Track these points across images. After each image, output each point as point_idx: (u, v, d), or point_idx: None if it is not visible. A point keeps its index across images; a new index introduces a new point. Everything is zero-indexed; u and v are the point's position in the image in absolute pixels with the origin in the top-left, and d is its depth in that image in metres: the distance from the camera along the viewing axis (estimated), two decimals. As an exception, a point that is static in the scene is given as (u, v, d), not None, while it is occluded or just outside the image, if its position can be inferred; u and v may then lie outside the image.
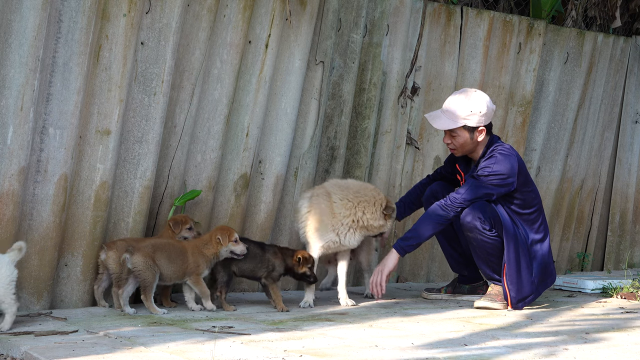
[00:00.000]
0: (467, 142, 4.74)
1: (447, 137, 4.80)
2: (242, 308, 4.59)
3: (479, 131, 4.73)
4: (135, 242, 4.39)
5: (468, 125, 4.70)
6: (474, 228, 4.65)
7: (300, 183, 5.38)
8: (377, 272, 4.69)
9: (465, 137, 4.73)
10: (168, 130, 4.84)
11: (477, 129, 4.72)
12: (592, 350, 3.54)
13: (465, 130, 4.72)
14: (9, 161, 4.18)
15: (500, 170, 4.66)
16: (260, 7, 5.03)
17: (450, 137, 4.77)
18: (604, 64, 6.84)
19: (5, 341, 3.58)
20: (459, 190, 4.71)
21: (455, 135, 4.74)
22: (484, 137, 4.76)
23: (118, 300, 4.35)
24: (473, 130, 4.72)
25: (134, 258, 4.28)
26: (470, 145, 4.76)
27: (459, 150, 4.79)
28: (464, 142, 4.74)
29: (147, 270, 4.29)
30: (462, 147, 4.77)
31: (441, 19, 5.99)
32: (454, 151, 4.83)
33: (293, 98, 5.22)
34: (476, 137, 4.73)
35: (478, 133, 4.73)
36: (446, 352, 3.44)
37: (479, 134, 4.73)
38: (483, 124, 4.73)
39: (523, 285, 4.70)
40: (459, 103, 4.73)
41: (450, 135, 4.77)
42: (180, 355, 3.31)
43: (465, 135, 4.73)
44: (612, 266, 7.14)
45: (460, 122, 4.70)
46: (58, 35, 4.32)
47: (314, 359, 3.29)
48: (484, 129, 4.75)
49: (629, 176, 7.19)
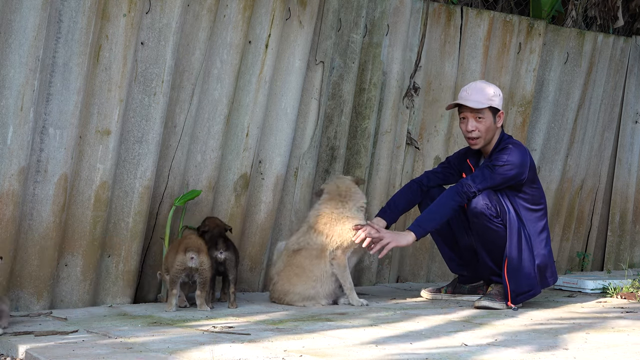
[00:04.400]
0: (492, 126, 4.81)
1: (472, 122, 4.81)
2: (242, 308, 4.59)
3: (499, 116, 4.82)
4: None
5: (493, 107, 4.79)
6: (481, 214, 4.67)
7: (300, 183, 5.39)
8: (389, 237, 4.67)
9: (490, 121, 4.80)
10: (168, 130, 4.84)
11: (498, 112, 4.82)
12: (592, 350, 3.54)
13: (491, 113, 4.80)
14: (9, 161, 4.18)
15: (514, 161, 4.71)
16: (260, 7, 5.03)
17: (477, 122, 4.80)
18: (604, 64, 6.84)
19: (5, 341, 3.58)
20: (474, 178, 4.71)
21: (482, 118, 4.79)
22: (500, 126, 4.84)
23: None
24: (495, 113, 4.81)
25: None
26: (491, 132, 4.82)
27: (483, 137, 4.82)
28: (489, 126, 4.79)
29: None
30: (486, 133, 4.81)
31: (441, 19, 5.99)
32: (476, 141, 4.83)
33: (293, 98, 5.22)
34: (497, 122, 4.82)
35: (499, 118, 4.82)
36: (446, 352, 3.44)
37: (499, 119, 4.83)
38: (501, 108, 4.83)
39: (523, 280, 4.70)
40: (481, 86, 4.85)
41: (477, 120, 4.79)
42: (180, 355, 3.31)
43: (490, 119, 4.80)
44: (612, 266, 7.14)
45: (488, 102, 4.79)
46: (58, 35, 4.32)
47: (314, 359, 3.29)
48: (503, 113, 4.84)
49: (629, 176, 7.19)
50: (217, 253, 4.59)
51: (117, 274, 4.66)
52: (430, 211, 4.72)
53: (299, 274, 4.75)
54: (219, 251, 4.60)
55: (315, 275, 4.75)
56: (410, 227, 4.72)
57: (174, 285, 4.40)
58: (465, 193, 4.68)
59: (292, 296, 4.74)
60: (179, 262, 4.37)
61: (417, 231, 4.69)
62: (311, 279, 4.75)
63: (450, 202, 4.70)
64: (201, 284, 4.44)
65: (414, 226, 4.70)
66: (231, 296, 4.59)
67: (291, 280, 4.75)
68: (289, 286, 4.75)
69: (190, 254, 4.37)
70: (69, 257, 4.52)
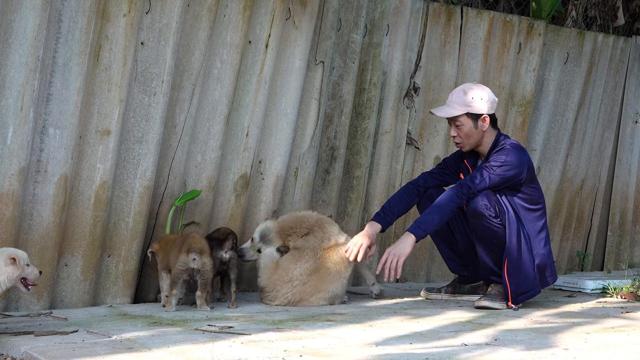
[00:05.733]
0: (472, 131, 4.77)
1: (453, 129, 4.82)
2: (242, 308, 4.59)
3: (482, 119, 4.77)
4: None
5: (471, 113, 4.75)
6: (481, 214, 4.67)
7: (300, 183, 5.39)
8: (393, 255, 4.64)
9: (470, 126, 4.76)
10: (168, 130, 4.84)
11: (481, 117, 4.76)
12: (592, 350, 3.54)
13: (469, 119, 4.76)
14: (9, 161, 4.18)
15: (513, 161, 4.70)
16: (260, 7, 5.03)
17: (456, 129, 4.79)
18: (604, 64, 6.84)
19: (5, 341, 3.58)
20: (472, 179, 4.70)
21: (460, 124, 4.77)
22: (489, 128, 4.80)
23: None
24: (476, 118, 4.76)
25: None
26: (476, 136, 4.79)
27: (465, 142, 4.81)
28: (469, 131, 4.77)
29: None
30: (467, 138, 4.79)
31: (441, 19, 5.99)
32: (461, 145, 4.83)
33: (293, 98, 5.22)
34: (480, 126, 4.77)
35: (482, 122, 4.77)
36: (446, 352, 3.44)
37: (483, 123, 4.77)
38: (486, 112, 4.77)
39: (523, 280, 4.70)
40: (460, 92, 4.82)
41: (455, 126, 4.79)
42: (180, 355, 3.31)
43: (470, 124, 4.76)
44: (612, 266, 7.14)
45: (463, 109, 4.74)
46: (58, 35, 4.32)
47: (314, 359, 3.29)
48: (488, 117, 4.78)
49: (629, 176, 7.19)
50: (222, 252, 4.60)
51: (117, 274, 4.66)
52: (430, 212, 4.72)
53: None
54: (223, 250, 4.60)
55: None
56: (409, 229, 4.72)
57: (174, 285, 4.39)
58: (464, 194, 4.68)
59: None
60: (181, 262, 4.36)
61: (417, 233, 4.69)
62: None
63: (450, 203, 4.69)
64: (202, 284, 4.43)
65: (414, 228, 4.70)
66: (232, 295, 4.58)
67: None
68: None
69: (192, 255, 4.36)
70: (69, 257, 4.52)
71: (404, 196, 5.02)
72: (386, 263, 4.64)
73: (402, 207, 5.00)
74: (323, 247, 4.80)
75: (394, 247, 4.68)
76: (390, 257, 4.65)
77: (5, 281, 3.68)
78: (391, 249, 4.67)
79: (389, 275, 4.63)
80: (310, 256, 4.76)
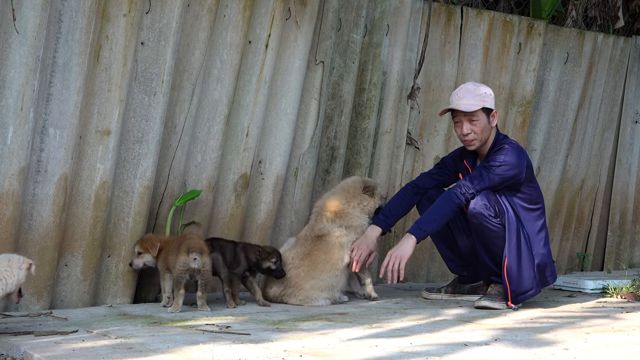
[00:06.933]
0: (486, 127, 4.81)
1: (466, 125, 4.80)
2: (242, 308, 4.59)
3: (492, 115, 4.82)
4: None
5: (486, 107, 4.79)
6: (480, 214, 4.67)
7: (300, 183, 5.39)
8: (395, 257, 4.67)
9: (484, 122, 4.79)
10: (168, 130, 4.84)
11: (492, 112, 4.82)
12: (592, 350, 3.54)
13: (484, 114, 4.79)
14: (9, 161, 4.18)
15: (512, 161, 4.72)
16: (260, 7, 5.03)
17: (471, 124, 4.79)
18: (604, 64, 6.84)
19: (5, 341, 3.58)
20: (472, 179, 4.71)
21: (476, 120, 4.78)
22: (495, 125, 4.85)
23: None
24: (489, 114, 4.80)
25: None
26: (487, 132, 4.82)
27: (479, 138, 4.82)
28: (484, 127, 4.80)
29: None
30: (481, 134, 4.81)
31: (441, 19, 6.00)
32: (474, 142, 4.83)
33: (293, 98, 5.22)
34: (491, 122, 4.82)
35: (492, 118, 4.83)
36: (446, 352, 3.44)
37: (493, 119, 4.82)
38: (494, 108, 4.84)
39: (523, 280, 4.70)
40: (472, 88, 4.84)
41: (471, 122, 4.79)
42: (180, 355, 3.31)
43: (484, 120, 4.80)
44: (612, 266, 7.14)
45: (480, 103, 4.78)
46: (58, 35, 4.32)
47: (314, 359, 3.29)
48: (496, 112, 4.84)
49: (629, 176, 7.19)
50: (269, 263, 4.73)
51: (117, 274, 4.66)
52: (430, 213, 4.72)
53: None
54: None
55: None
56: (410, 230, 4.72)
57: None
58: (464, 194, 4.69)
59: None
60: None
61: (418, 234, 4.69)
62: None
63: (449, 203, 4.70)
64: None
65: (414, 229, 4.70)
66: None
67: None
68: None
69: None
70: (69, 257, 4.52)
71: (404, 198, 5.02)
72: (388, 265, 4.66)
73: (402, 209, 5.01)
74: (314, 235, 4.90)
75: (395, 250, 4.69)
76: (392, 260, 4.66)
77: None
78: (392, 251, 4.69)
79: (391, 277, 4.65)
80: (302, 243, 4.89)
